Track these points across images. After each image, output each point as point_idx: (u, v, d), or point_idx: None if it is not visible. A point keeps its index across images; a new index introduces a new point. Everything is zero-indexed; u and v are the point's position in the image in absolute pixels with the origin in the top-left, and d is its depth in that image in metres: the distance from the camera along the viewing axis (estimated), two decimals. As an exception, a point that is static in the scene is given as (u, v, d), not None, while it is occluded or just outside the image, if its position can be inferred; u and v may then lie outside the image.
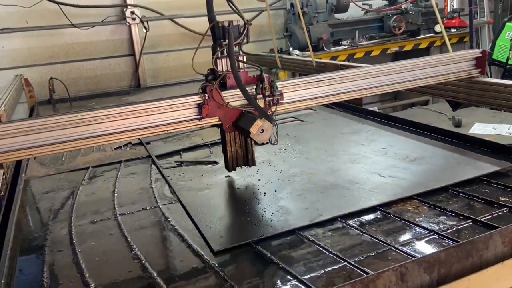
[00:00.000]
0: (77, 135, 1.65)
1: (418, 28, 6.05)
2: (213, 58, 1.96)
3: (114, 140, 1.73)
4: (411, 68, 2.35)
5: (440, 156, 2.38)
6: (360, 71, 2.23)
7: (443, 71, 2.43)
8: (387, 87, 2.28)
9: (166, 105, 1.82)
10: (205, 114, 1.86)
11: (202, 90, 1.85)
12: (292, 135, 2.93)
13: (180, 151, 2.83)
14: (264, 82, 1.90)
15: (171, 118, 1.83)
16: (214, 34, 1.98)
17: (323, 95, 2.11)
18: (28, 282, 1.58)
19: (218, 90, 1.85)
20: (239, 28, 1.94)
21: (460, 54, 2.48)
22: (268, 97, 1.92)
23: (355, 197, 1.97)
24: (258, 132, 1.83)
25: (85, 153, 2.96)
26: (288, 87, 2.01)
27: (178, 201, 2.10)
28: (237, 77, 1.83)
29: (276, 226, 1.77)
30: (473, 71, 2.51)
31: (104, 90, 5.26)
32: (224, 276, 1.48)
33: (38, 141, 1.61)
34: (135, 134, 1.78)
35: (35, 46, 4.95)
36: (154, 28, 5.33)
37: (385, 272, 1.36)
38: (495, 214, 1.73)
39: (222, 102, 1.87)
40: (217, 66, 1.94)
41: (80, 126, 1.66)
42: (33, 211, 2.23)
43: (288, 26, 5.74)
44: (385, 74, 2.30)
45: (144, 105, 1.79)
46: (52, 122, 1.62)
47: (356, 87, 2.21)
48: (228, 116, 1.91)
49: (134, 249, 1.70)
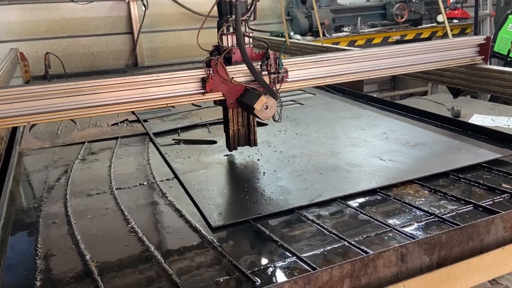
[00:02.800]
0: (75, 104, 1.61)
1: (421, 17, 5.99)
2: (218, 33, 1.92)
3: (112, 111, 1.70)
4: (415, 52, 2.32)
5: (441, 142, 2.36)
6: (364, 52, 2.20)
7: (446, 57, 2.40)
8: (391, 69, 2.25)
9: (168, 78, 1.78)
10: (209, 88, 1.82)
11: (207, 64, 1.81)
12: (292, 118, 2.90)
13: (178, 129, 2.79)
14: (270, 58, 1.87)
15: (173, 91, 1.79)
16: (220, 9, 1.94)
17: (328, 75, 2.08)
18: (22, 252, 1.55)
19: (223, 64, 1.82)
20: (246, 4, 1.90)
21: (464, 40, 2.45)
22: (273, 74, 1.89)
23: (355, 179, 1.95)
24: (262, 108, 1.80)
25: (81, 128, 2.91)
26: (293, 65, 1.98)
27: (175, 178, 2.07)
28: (244, 50, 1.79)
29: (275, 205, 1.74)
30: (476, 58, 2.48)
31: (100, 67, 5.16)
32: (222, 252, 1.46)
33: (35, 108, 1.57)
34: (134, 106, 1.74)
35: (31, 19, 4.84)
36: (153, 7, 5.23)
37: (385, 252, 1.35)
38: (496, 200, 1.72)
39: (226, 77, 1.83)
40: (223, 42, 1.90)
41: (79, 95, 1.61)
42: (27, 183, 2.19)
43: (289, 10, 5.66)
44: (389, 57, 2.27)
45: (144, 77, 1.75)
46: (50, 89, 1.57)
47: (360, 68, 2.18)
48: (232, 91, 1.87)
49: (131, 223, 1.68)
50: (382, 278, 1.36)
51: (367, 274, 1.33)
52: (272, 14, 5.93)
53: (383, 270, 1.36)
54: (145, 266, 1.42)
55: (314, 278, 1.25)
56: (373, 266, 1.34)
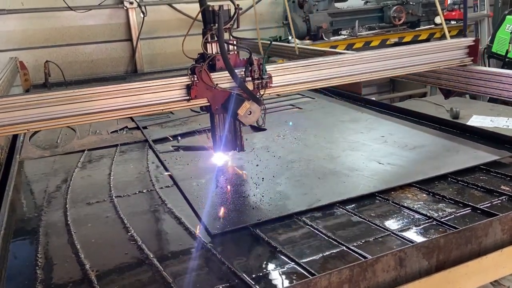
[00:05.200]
0: (69, 112, 1.66)
1: (418, 19, 6.00)
2: (202, 41, 1.96)
3: (99, 118, 1.75)
4: (403, 55, 2.33)
5: (439, 145, 2.36)
6: (350, 56, 2.20)
7: (436, 59, 2.42)
8: (378, 73, 2.26)
9: (156, 85, 1.82)
10: (194, 95, 1.86)
11: (191, 71, 1.84)
12: (291, 122, 2.91)
13: (177, 136, 2.80)
14: (253, 65, 1.91)
15: (161, 98, 1.84)
16: (204, 18, 1.98)
17: (313, 80, 2.10)
18: (22, 262, 1.56)
19: (207, 71, 1.85)
20: (229, 12, 1.94)
21: (453, 42, 2.47)
22: (257, 79, 1.92)
23: (354, 184, 1.95)
24: (246, 114, 1.84)
25: (81, 136, 2.93)
26: (277, 70, 2.00)
27: (175, 185, 2.08)
28: (226, 58, 1.84)
29: (274, 211, 1.75)
30: (466, 59, 2.51)
31: (100, 74, 5.19)
32: (222, 259, 1.47)
33: (34, 116, 1.63)
34: (126, 113, 1.79)
35: (30, 28, 4.86)
36: (151, 13, 5.25)
37: (384, 257, 1.35)
38: (495, 202, 1.73)
39: (210, 83, 1.87)
40: (207, 49, 1.94)
41: (73, 103, 1.66)
42: (28, 192, 2.20)
43: (287, 15, 5.67)
44: (377, 60, 2.26)
45: (134, 85, 1.79)
46: (45, 98, 1.63)
47: (346, 72, 2.18)
48: (217, 97, 1.91)
49: (130, 231, 1.68)
50: (381, 283, 1.36)
51: (366, 279, 1.33)
52: (270, 19, 5.96)
53: (382, 275, 1.36)
54: (145, 274, 1.42)
55: (312, 284, 1.25)
56: (372, 271, 1.34)
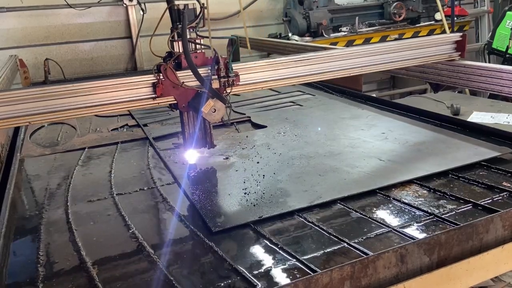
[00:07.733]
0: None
1: (419, 15, 5.99)
2: (168, 39, 1.96)
3: (78, 114, 1.81)
4: (392, 50, 2.34)
5: (440, 141, 2.36)
6: (323, 54, 2.20)
7: (424, 54, 2.44)
8: (368, 67, 2.26)
9: (122, 83, 1.84)
10: (159, 93, 1.87)
11: (157, 69, 1.84)
12: (291, 120, 2.91)
13: (177, 133, 2.80)
14: (220, 63, 1.91)
15: (128, 96, 1.86)
16: (172, 16, 1.99)
17: (282, 78, 2.11)
18: (24, 260, 1.56)
19: (173, 69, 1.86)
20: (195, 11, 1.94)
21: (441, 37, 2.49)
22: (223, 78, 1.93)
23: (355, 180, 1.95)
24: (210, 111, 1.87)
25: (82, 133, 2.92)
26: (244, 69, 2.01)
27: (176, 182, 2.08)
28: (188, 56, 1.84)
29: (275, 208, 1.75)
30: (454, 54, 2.52)
31: (100, 72, 5.17)
32: (223, 256, 1.47)
33: (34, 109, 1.67)
34: (93, 111, 1.82)
35: (29, 26, 4.85)
36: (151, 11, 5.22)
37: (385, 253, 1.35)
38: (496, 199, 1.73)
39: (176, 81, 1.87)
40: (173, 48, 1.94)
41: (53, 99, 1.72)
42: (28, 190, 2.20)
43: (287, 11, 5.66)
44: (365, 56, 2.26)
45: (101, 83, 1.81)
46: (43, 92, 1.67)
47: (316, 70, 2.18)
48: (183, 96, 1.92)
49: (132, 228, 1.68)
50: (382, 279, 1.36)
51: (367, 275, 1.34)
52: (270, 16, 5.94)
53: (383, 271, 1.36)
54: (146, 272, 1.42)
55: (314, 281, 1.26)
56: (373, 267, 1.34)
